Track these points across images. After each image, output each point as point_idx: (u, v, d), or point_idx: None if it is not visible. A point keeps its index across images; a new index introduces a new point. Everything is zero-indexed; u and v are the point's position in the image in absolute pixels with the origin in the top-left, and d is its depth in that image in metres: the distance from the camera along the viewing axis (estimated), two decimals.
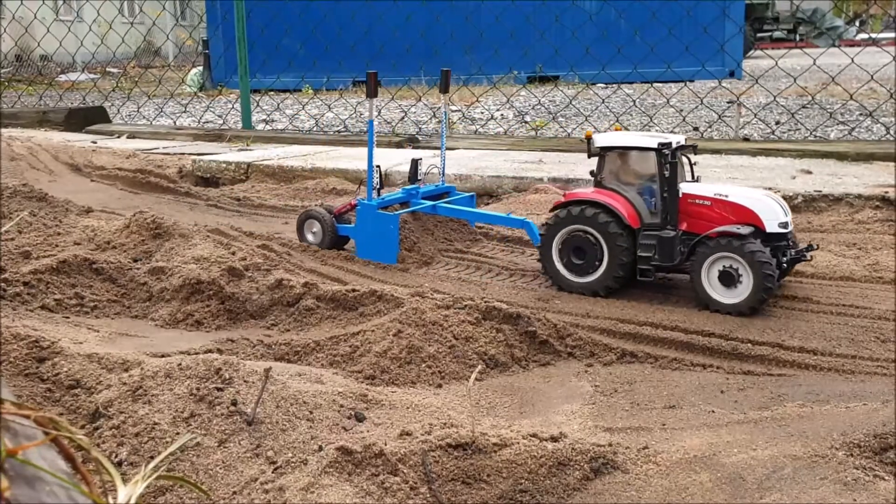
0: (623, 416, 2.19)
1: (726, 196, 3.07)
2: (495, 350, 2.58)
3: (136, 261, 3.41)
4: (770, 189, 4.55)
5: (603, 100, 9.39)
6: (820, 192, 4.41)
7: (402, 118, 8.95)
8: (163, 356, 2.29)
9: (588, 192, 3.26)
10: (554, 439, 1.85)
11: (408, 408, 2.13)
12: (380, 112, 9.54)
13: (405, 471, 1.73)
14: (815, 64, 7.20)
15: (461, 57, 11.50)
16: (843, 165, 5.28)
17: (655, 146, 3.08)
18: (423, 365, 2.46)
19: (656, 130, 8.00)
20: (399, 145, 7.09)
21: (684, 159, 3.18)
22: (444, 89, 4.19)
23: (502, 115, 9.90)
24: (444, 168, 4.27)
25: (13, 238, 3.68)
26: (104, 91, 12.01)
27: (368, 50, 12.60)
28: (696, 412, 2.17)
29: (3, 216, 4.15)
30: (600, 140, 3.23)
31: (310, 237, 3.86)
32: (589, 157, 3.29)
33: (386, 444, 1.77)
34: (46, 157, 6.62)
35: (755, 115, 8.38)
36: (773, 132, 7.57)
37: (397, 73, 11.20)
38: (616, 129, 3.39)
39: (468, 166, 5.57)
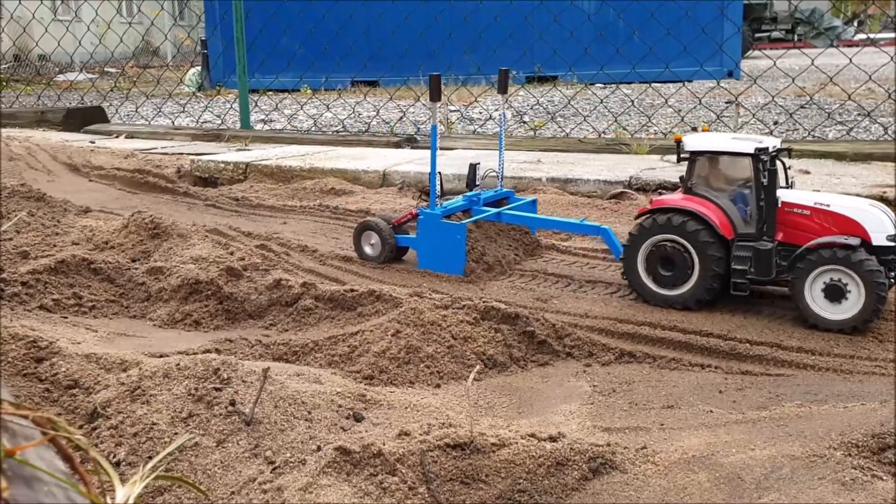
0: (621, 416, 2.19)
1: (828, 205, 2.86)
2: (494, 350, 2.58)
3: (134, 261, 3.41)
4: None
5: (601, 100, 9.40)
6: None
7: (401, 118, 8.95)
8: (161, 356, 2.29)
9: (677, 198, 3.05)
10: (552, 439, 1.85)
11: (406, 408, 2.13)
12: (378, 112, 9.53)
13: (404, 471, 1.73)
14: (813, 64, 7.21)
15: (460, 57, 11.51)
16: (842, 165, 5.29)
17: (752, 151, 2.87)
18: (422, 365, 2.46)
19: (747, 132, 8.00)
20: (397, 145, 7.09)
21: (779, 164, 2.98)
22: (503, 89, 3.94)
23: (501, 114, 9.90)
24: (502, 172, 4.05)
25: (11, 238, 3.67)
26: (102, 91, 12.01)
27: (367, 50, 12.60)
28: (695, 412, 2.17)
29: (2, 216, 4.15)
30: (691, 143, 3.03)
31: (367, 250, 3.67)
32: (678, 161, 3.09)
33: (384, 444, 1.77)
34: (45, 156, 6.62)
35: (753, 115, 8.39)
36: (771, 132, 7.57)
37: (396, 74, 11.20)
38: (704, 130, 3.18)
39: (466, 166, 5.56)
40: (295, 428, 1.88)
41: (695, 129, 8.03)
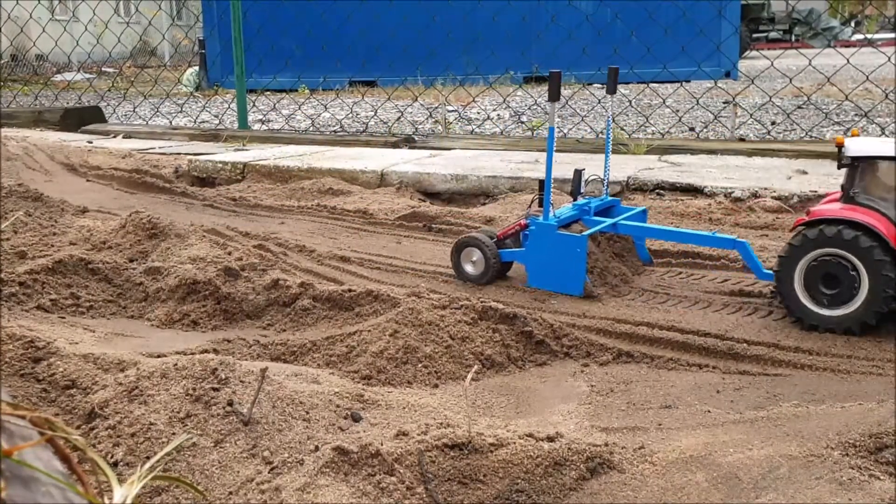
0: (619, 416, 2.19)
1: None
2: (492, 350, 2.58)
3: (132, 261, 3.41)
4: (766, 189, 4.56)
5: (599, 100, 9.41)
6: (815, 192, 4.42)
7: (399, 118, 8.95)
8: (159, 356, 2.28)
9: (836, 208, 2.79)
10: (550, 439, 1.85)
11: (404, 408, 2.13)
12: (376, 112, 9.53)
13: (402, 471, 1.73)
14: (810, 64, 7.22)
15: (457, 57, 11.51)
16: None
17: None
18: (420, 365, 2.46)
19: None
20: (395, 145, 7.10)
21: None
22: (612, 90, 3.65)
23: (499, 115, 9.91)
24: (607, 178, 3.69)
25: (9, 238, 3.67)
26: (100, 91, 12.00)
27: (365, 50, 12.60)
28: (693, 412, 2.17)
29: None
30: (853, 148, 2.78)
31: (469, 269, 3.33)
32: (839, 167, 2.83)
33: (382, 445, 1.77)
34: (42, 157, 6.61)
35: (751, 115, 8.41)
36: (768, 132, 7.59)
37: (394, 74, 11.20)
38: (853, 135, 2.94)
39: (464, 166, 5.58)
40: (293, 428, 1.88)
41: (692, 129, 8.04)
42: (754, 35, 25.27)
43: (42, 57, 17.83)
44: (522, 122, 9.09)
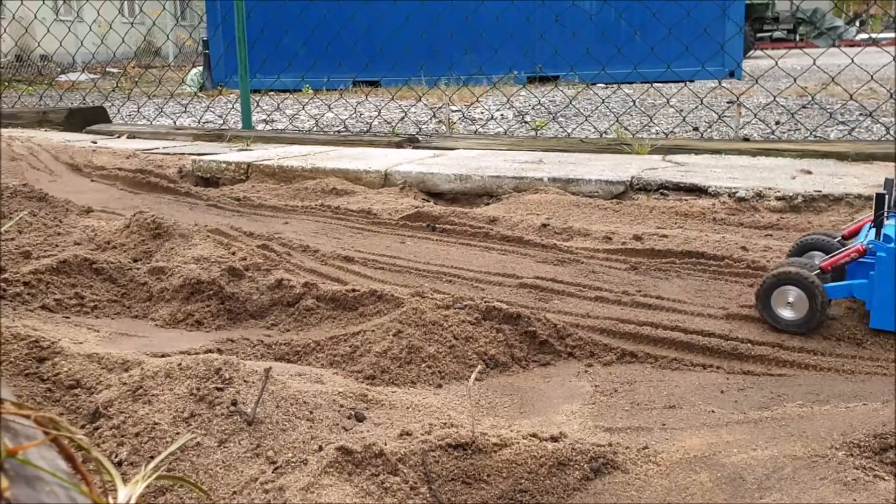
0: (623, 416, 2.18)
1: None
2: (495, 350, 2.58)
3: (136, 261, 3.41)
4: (770, 189, 4.55)
5: (603, 100, 9.39)
6: (820, 192, 4.41)
7: (402, 118, 8.95)
8: (163, 356, 2.29)
9: None
10: (554, 439, 1.84)
11: (408, 408, 2.13)
12: (379, 112, 9.53)
13: (405, 471, 1.73)
14: (814, 64, 7.20)
15: (461, 57, 11.51)
16: (843, 165, 5.29)
17: None
18: (423, 365, 2.46)
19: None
20: (399, 145, 7.10)
21: None
22: None
23: (502, 115, 9.90)
24: None
25: (13, 238, 3.68)
26: (104, 91, 12.01)
27: (368, 50, 12.61)
28: (696, 412, 2.17)
29: (4, 216, 4.15)
30: None
31: (784, 313, 2.71)
32: None
33: (386, 444, 1.77)
34: (46, 157, 6.63)
35: (755, 115, 8.39)
36: (772, 132, 7.57)
37: (397, 74, 11.20)
38: None
39: (468, 166, 5.57)
40: (297, 428, 1.88)
41: (696, 129, 8.02)
42: (758, 35, 25.24)
43: (46, 57, 17.87)
44: (526, 122, 9.09)
